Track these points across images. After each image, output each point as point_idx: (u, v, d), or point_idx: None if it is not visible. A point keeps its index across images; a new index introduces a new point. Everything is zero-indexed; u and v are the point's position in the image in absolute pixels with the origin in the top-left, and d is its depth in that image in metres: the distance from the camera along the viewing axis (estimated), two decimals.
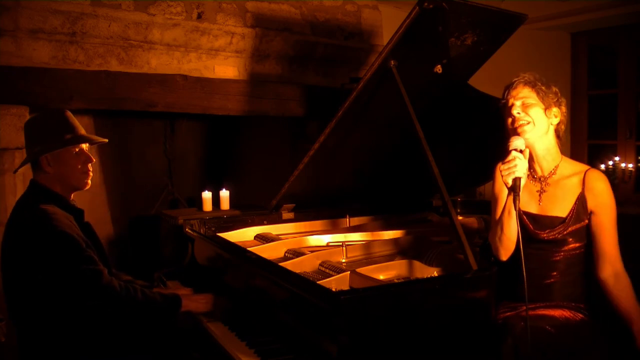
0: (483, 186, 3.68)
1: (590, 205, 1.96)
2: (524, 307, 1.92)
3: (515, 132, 1.97)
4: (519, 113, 1.97)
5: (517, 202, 1.80)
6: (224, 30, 3.52)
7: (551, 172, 2.02)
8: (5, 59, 2.90)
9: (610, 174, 4.36)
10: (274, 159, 4.31)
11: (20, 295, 1.94)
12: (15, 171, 2.10)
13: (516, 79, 2.02)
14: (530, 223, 1.98)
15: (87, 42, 3.13)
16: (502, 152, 2.19)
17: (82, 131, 2.11)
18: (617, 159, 4.43)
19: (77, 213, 2.09)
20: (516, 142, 1.88)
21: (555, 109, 2.00)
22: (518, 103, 1.98)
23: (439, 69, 2.30)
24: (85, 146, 2.11)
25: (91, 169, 2.12)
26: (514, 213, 1.84)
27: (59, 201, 2.03)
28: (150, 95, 3.37)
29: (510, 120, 2.00)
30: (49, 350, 1.91)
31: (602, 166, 4.41)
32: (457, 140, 2.79)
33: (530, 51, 4.53)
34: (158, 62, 3.38)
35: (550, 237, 1.96)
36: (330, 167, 2.66)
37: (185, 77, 3.47)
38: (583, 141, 4.70)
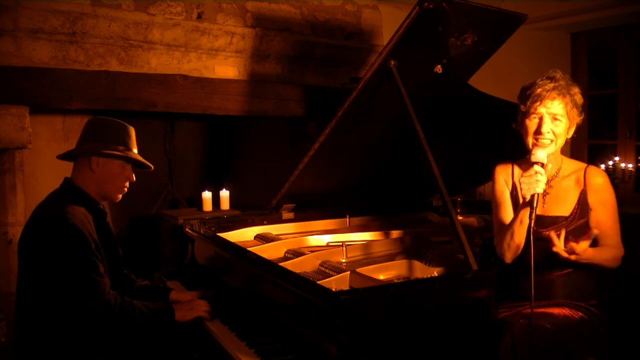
0: (483, 186, 3.68)
1: (590, 201, 1.97)
2: (527, 305, 1.92)
3: (534, 144, 1.94)
4: (548, 132, 1.92)
5: (533, 215, 1.79)
6: (224, 30, 3.52)
7: (554, 175, 2.03)
8: (5, 59, 2.90)
9: (610, 174, 4.36)
10: (274, 159, 4.31)
11: (27, 286, 1.95)
12: (60, 157, 2.16)
13: (552, 84, 1.92)
14: (534, 224, 1.97)
15: (87, 42, 3.13)
16: (502, 152, 2.19)
17: (136, 149, 2.19)
18: (617, 159, 4.42)
19: (100, 214, 2.12)
20: (539, 155, 1.85)
21: (575, 124, 1.98)
22: (548, 119, 1.92)
23: (439, 69, 2.29)
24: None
25: (127, 187, 2.19)
26: (526, 222, 1.84)
27: (87, 202, 2.07)
28: (150, 95, 3.37)
29: (534, 129, 1.94)
30: (46, 349, 1.91)
31: (602, 166, 4.40)
32: (457, 140, 2.79)
33: (530, 51, 4.53)
34: (158, 62, 3.38)
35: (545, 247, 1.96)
36: (330, 167, 2.66)
37: (185, 77, 3.47)
38: (583, 141, 4.69)
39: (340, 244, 2.39)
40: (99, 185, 2.10)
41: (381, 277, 2.04)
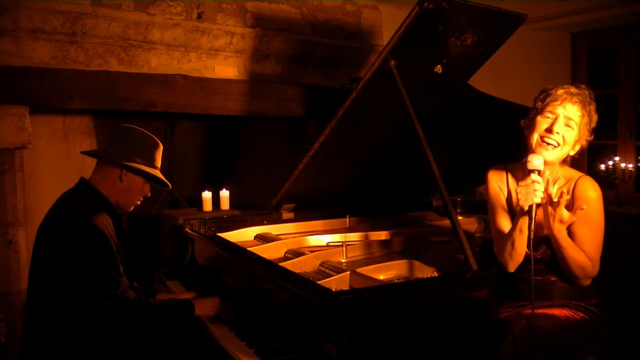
0: (483, 186, 3.68)
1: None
2: (528, 306, 1.92)
3: (538, 142, 1.90)
4: (557, 133, 1.88)
5: (532, 226, 1.76)
6: (224, 30, 3.52)
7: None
8: (5, 59, 2.90)
9: (611, 174, 4.36)
10: (274, 159, 4.30)
11: (42, 284, 1.96)
12: (85, 153, 2.22)
13: (577, 90, 1.90)
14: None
15: (87, 42, 3.13)
16: (502, 152, 2.19)
17: (159, 165, 2.24)
18: (617, 159, 4.42)
19: (117, 218, 2.15)
20: (536, 162, 1.79)
21: (582, 143, 1.95)
22: (563, 120, 1.88)
23: (439, 69, 2.29)
24: None
25: (140, 201, 2.25)
26: (525, 232, 1.82)
27: (104, 204, 2.10)
28: (150, 95, 3.36)
29: (545, 126, 1.90)
30: (54, 346, 1.92)
31: (602, 166, 4.40)
32: (457, 140, 2.79)
33: (530, 51, 4.53)
34: (158, 62, 3.38)
35: (539, 257, 1.96)
36: (330, 167, 2.66)
37: (185, 77, 3.47)
38: None
39: (340, 244, 2.39)
40: (117, 193, 2.14)
41: (381, 277, 2.04)
